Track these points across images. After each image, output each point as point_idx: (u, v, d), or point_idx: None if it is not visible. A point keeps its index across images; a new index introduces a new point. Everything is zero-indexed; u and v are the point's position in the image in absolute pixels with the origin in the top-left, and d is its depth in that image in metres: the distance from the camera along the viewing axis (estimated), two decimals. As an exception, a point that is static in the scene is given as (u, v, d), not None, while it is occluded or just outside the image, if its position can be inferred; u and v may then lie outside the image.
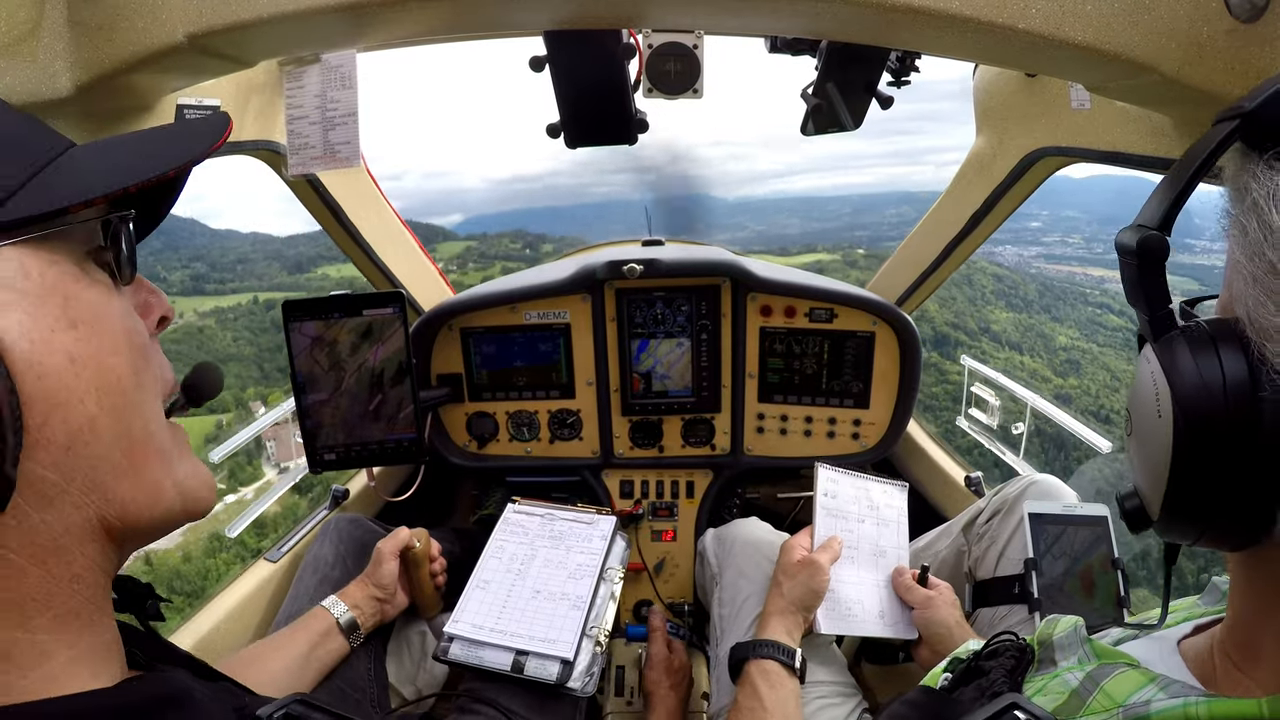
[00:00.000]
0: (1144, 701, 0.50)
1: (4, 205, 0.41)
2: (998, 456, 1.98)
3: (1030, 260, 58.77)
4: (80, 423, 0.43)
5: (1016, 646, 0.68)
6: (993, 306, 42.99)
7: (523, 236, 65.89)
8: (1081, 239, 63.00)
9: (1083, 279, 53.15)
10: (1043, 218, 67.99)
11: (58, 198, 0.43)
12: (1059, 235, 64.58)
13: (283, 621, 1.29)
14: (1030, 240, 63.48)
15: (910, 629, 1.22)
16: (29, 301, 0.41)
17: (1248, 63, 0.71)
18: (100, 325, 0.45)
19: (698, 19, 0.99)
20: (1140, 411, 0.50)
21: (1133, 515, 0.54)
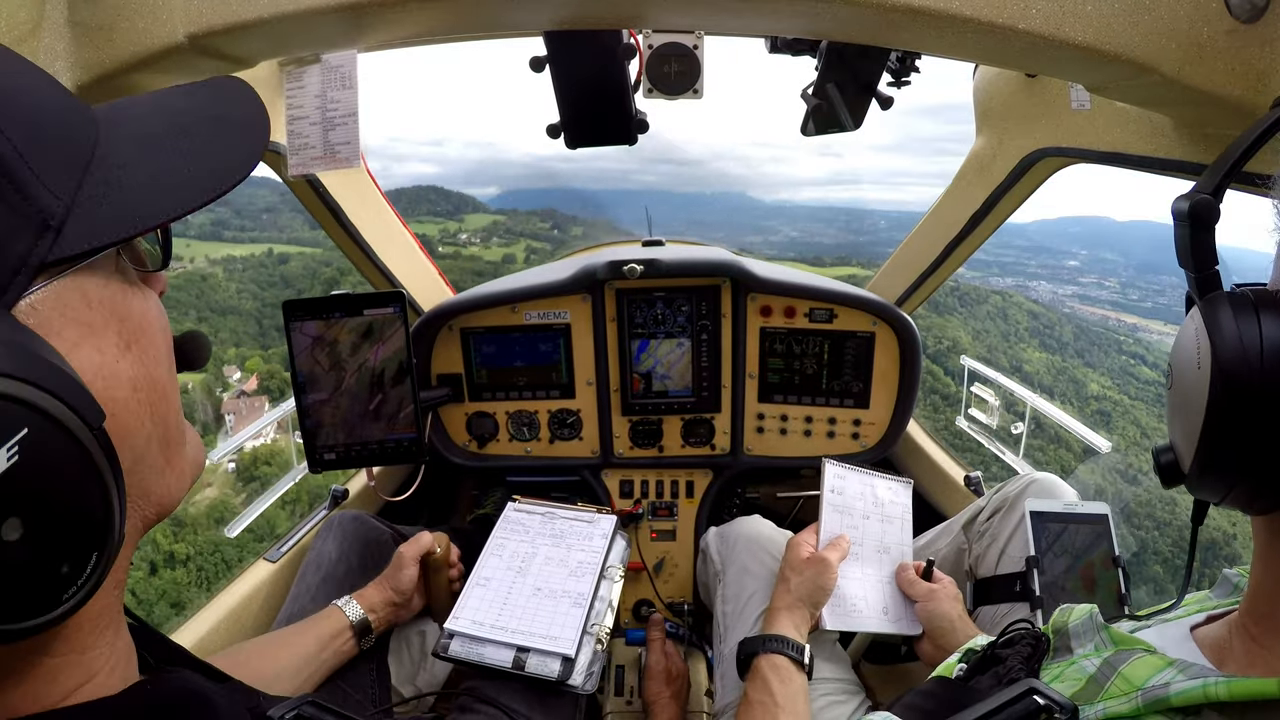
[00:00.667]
0: (1164, 684, 0.51)
1: (63, 233, 0.38)
2: (999, 456, 1.99)
3: (1065, 299, 58.44)
4: (140, 443, 0.43)
5: (1032, 635, 0.68)
6: (1026, 345, 42.41)
7: (553, 216, 65.86)
8: (1118, 283, 62.73)
9: (1116, 324, 52.73)
10: (1081, 256, 67.75)
11: (123, 223, 0.40)
12: (1095, 276, 64.53)
13: (284, 620, 1.29)
14: (1067, 279, 63.25)
15: (914, 625, 1.22)
16: (95, 334, 0.41)
17: (1248, 63, 0.71)
18: (148, 337, 0.45)
19: (698, 19, 1.00)
20: (1181, 365, 0.52)
21: (1166, 470, 0.55)
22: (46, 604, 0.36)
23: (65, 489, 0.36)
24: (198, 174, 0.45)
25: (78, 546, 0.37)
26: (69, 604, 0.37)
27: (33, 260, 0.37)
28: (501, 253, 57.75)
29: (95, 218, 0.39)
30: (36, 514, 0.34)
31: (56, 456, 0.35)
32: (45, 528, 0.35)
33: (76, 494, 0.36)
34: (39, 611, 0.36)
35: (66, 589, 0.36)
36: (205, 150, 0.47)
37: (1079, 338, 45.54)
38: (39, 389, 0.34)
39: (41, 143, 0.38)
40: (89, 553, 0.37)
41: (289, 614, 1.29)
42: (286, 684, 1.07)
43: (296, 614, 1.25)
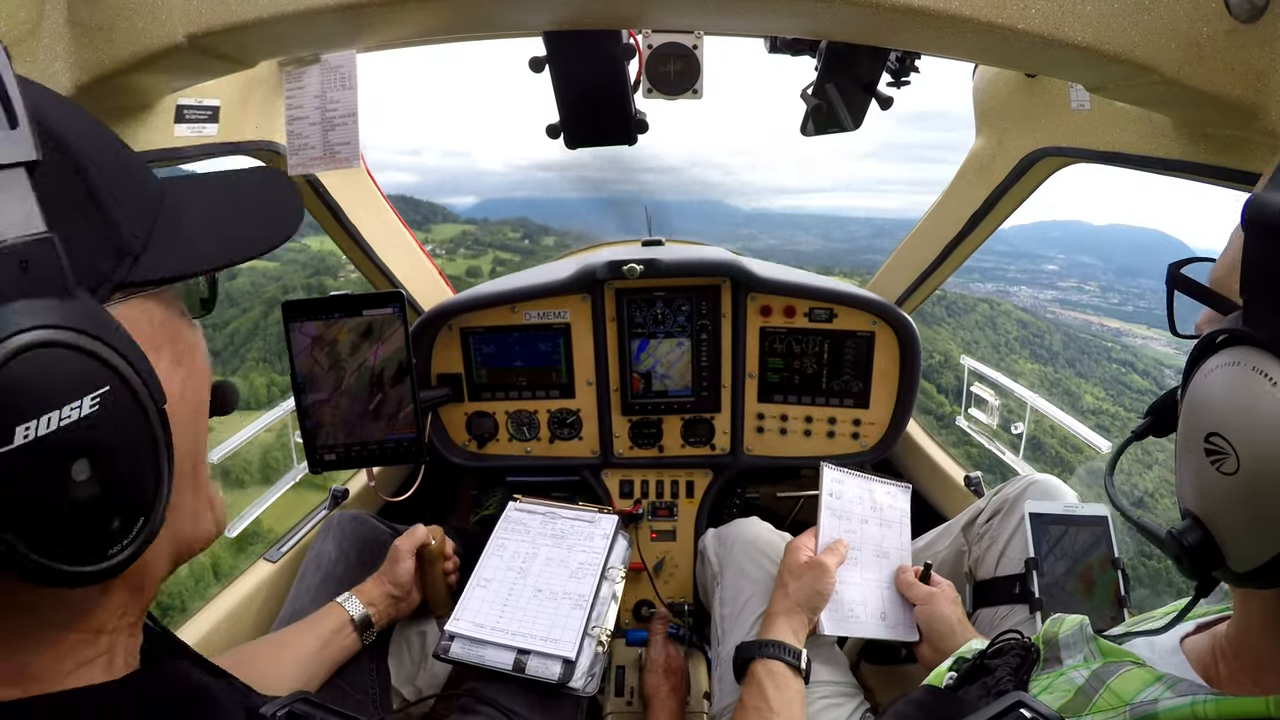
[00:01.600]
0: (1151, 700, 0.50)
1: (140, 261, 0.46)
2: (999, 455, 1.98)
3: (1046, 304, 58.19)
4: (180, 456, 0.48)
5: (1022, 645, 0.68)
6: (1017, 355, 41.46)
7: (524, 226, 64.48)
8: (1098, 287, 62.26)
9: (1099, 329, 52.08)
10: (1059, 260, 67.57)
11: (190, 261, 0.50)
12: (1075, 281, 64.25)
13: (285, 619, 1.29)
14: (1046, 283, 63.04)
15: (912, 631, 1.22)
16: (154, 350, 0.46)
17: (1248, 63, 0.71)
18: (196, 361, 0.52)
19: (697, 19, 1.00)
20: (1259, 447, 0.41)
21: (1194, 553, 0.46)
22: (96, 554, 0.41)
23: (129, 448, 0.42)
24: (247, 235, 0.55)
25: (130, 505, 0.42)
26: (114, 560, 0.41)
27: (115, 277, 0.45)
28: (466, 265, 56.15)
29: (164, 255, 0.48)
30: (104, 461, 0.40)
31: (128, 417, 0.41)
32: (108, 477, 0.40)
33: (137, 455, 0.42)
34: (90, 560, 0.40)
35: (114, 544, 0.41)
36: (253, 218, 0.57)
37: (1068, 346, 45.03)
38: (125, 359, 0.41)
39: (126, 190, 0.47)
40: (137, 515, 0.42)
41: (289, 614, 1.29)
42: (290, 683, 1.07)
43: (296, 614, 1.25)
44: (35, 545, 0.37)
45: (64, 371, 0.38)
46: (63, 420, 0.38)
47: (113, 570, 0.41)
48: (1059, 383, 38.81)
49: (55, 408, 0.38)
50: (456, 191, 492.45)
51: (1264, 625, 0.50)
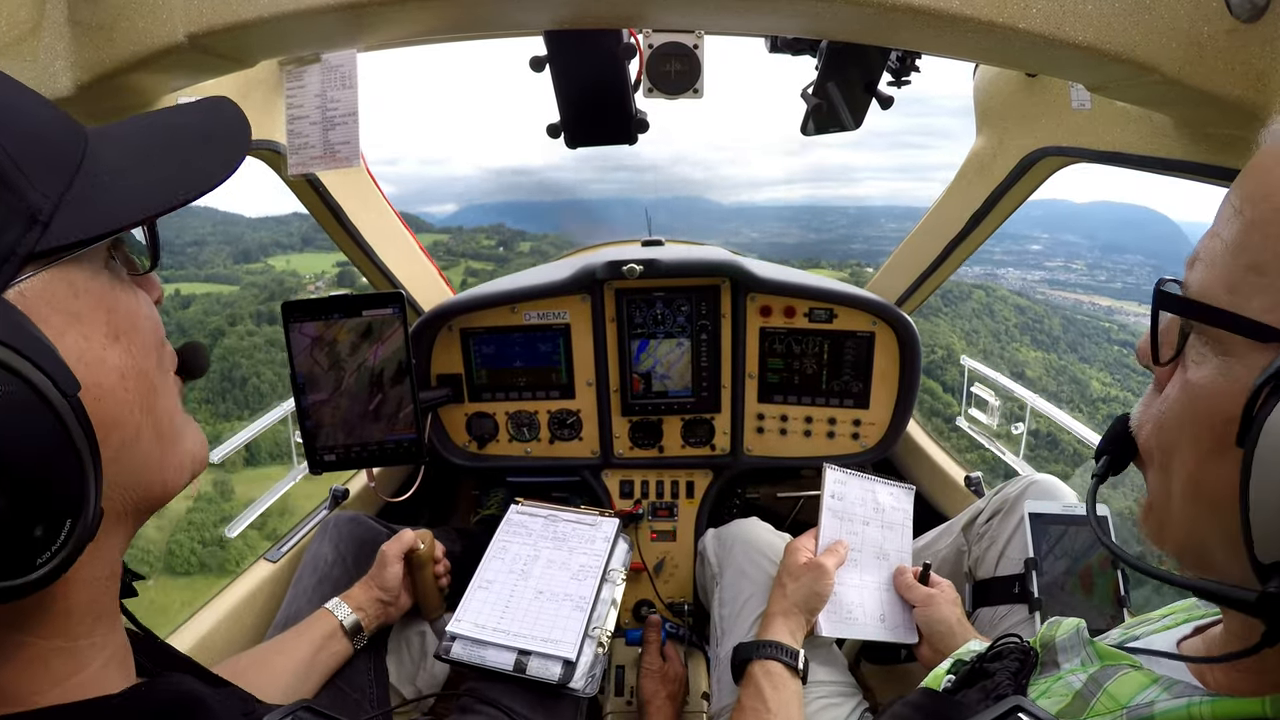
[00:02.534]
0: (1148, 703, 0.50)
1: (50, 227, 0.41)
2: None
3: (1035, 285, 57.74)
4: (129, 432, 0.45)
5: (1021, 649, 0.68)
6: (1018, 344, 40.20)
7: (500, 233, 63.23)
8: (1085, 265, 61.51)
9: (1091, 308, 51.19)
10: (1043, 240, 67.21)
11: (108, 217, 0.44)
12: (1062, 260, 63.72)
13: (283, 621, 1.29)
14: (1033, 263, 62.58)
15: (911, 633, 1.22)
16: (81, 323, 0.43)
17: (1248, 63, 0.71)
18: (137, 331, 0.47)
19: (698, 19, 0.99)
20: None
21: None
22: (22, 566, 0.37)
23: (37, 450, 0.37)
24: (179, 178, 0.48)
25: (51, 510, 0.38)
26: (43, 569, 0.38)
27: (20, 250, 0.40)
28: (434, 276, 56.29)
29: (81, 215, 0.42)
30: (8, 472, 0.36)
31: (29, 417, 0.37)
32: (15, 488, 0.36)
33: (49, 457, 0.38)
34: (15, 573, 0.37)
35: (41, 553, 0.38)
36: (188, 158, 0.51)
37: (1068, 329, 44.00)
38: (15, 352, 0.36)
39: (31, 148, 0.42)
40: (62, 519, 0.39)
41: (286, 616, 1.29)
42: (285, 690, 1.07)
43: (293, 616, 1.25)
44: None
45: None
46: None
47: (47, 578, 0.38)
48: (1064, 370, 37.86)
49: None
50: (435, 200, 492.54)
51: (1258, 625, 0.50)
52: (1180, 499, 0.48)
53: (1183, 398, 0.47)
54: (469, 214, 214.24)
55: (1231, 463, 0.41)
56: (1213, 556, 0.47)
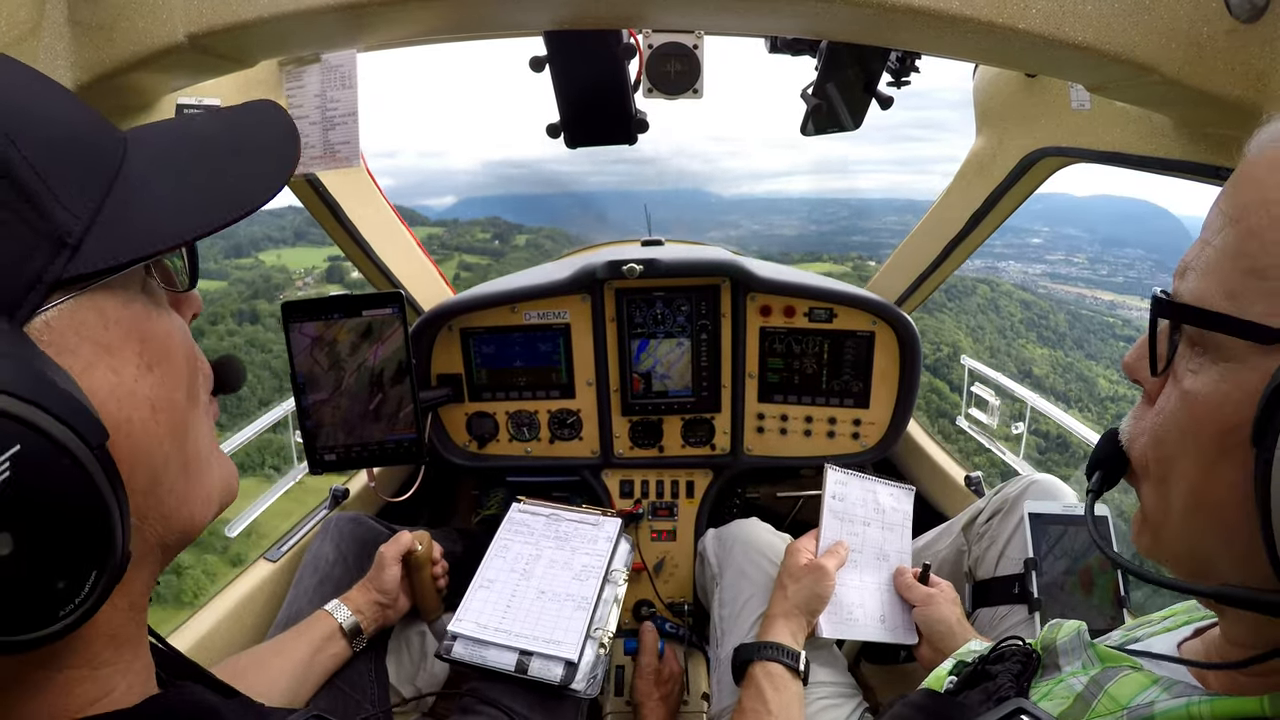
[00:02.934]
0: (1148, 703, 0.51)
1: (80, 250, 0.38)
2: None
3: (1036, 279, 57.08)
4: (159, 465, 0.43)
5: (1023, 651, 0.68)
6: (1024, 340, 39.15)
7: (496, 226, 61.25)
8: (1086, 259, 60.54)
9: (1094, 302, 50.48)
10: (1044, 234, 66.68)
11: (145, 239, 0.40)
12: (1063, 254, 62.99)
13: (283, 621, 1.29)
14: (1034, 257, 61.89)
15: (911, 634, 1.22)
16: (112, 355, 0.40)
17: (1248, 63, 0.71)
18: (171, 360, 0.45)
19: (698, 19, 1.00)
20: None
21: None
22: (43, 619, 0.36)
23: (59, 507, 0.35)
24: (222, 194, 0.45)
25: (74, 564, 0.36)
26: (67, 620, 0.37)
27: (47, 277, 0.37)
28: (425, 272, 55.51)
29: (115, 236, 0.39)
30: (29, 530, 0.34)
31: (51, 474, 0.35)
32: (38, 544, 0.35)
33: (72, 513, 0.36)
34: (35, 626, 0.36)
35: (64, 605, 0.36)
36: (231, 171, 0.47)
37: (1073, 325, 43.06)
38: (36, 406, 0.34)
39: (61, 162, 0.38)
40: (87, 571, 0.37)
41: (286, 617, 1.29)
42: (284, 691, 1.07)
43: (294, 616, 1.25)
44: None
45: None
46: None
47: (68, 630, 0.37)
48: (1071, 367, 36.96)
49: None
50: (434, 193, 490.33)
51: (1262, 621, 0.50)
52: (1181, 510, 0.48)
53: (1181, 408, 0.47)
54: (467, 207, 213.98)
55: (1237, 469, 0.41)
56: (1215, 564, 0.47)
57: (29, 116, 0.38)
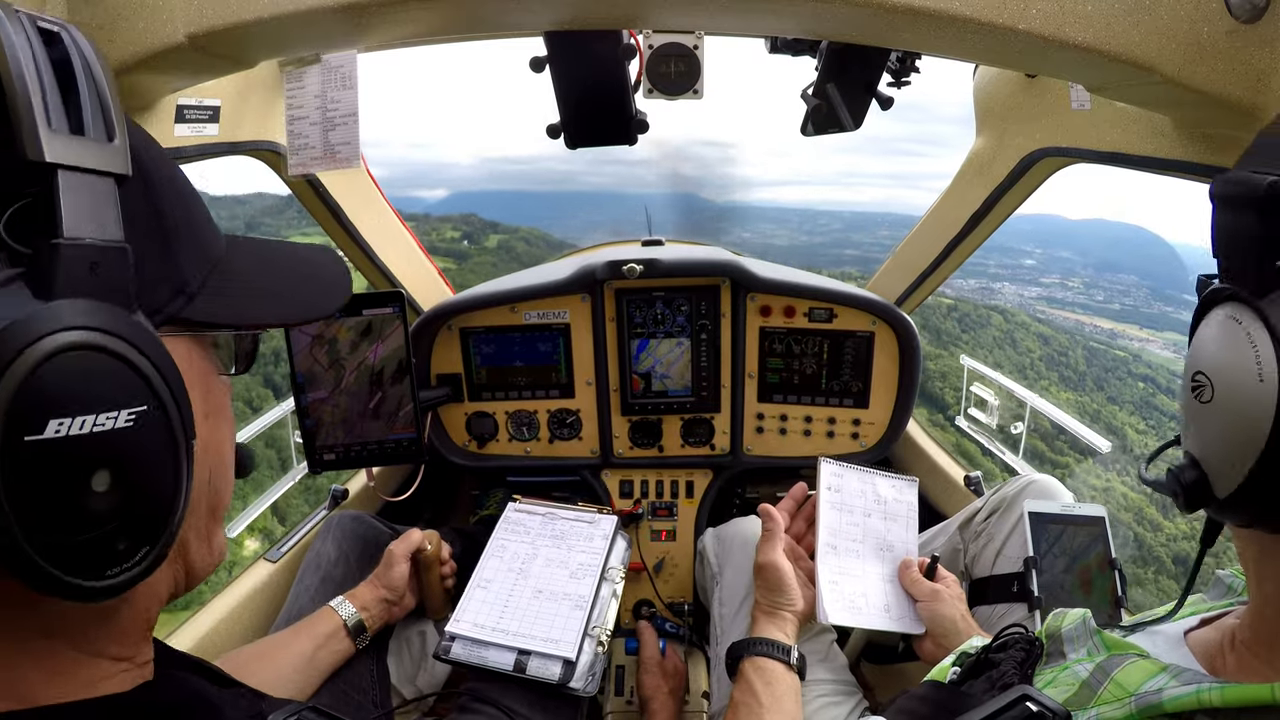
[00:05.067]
0: (1156, 690, 0.51)
1: (193, 301, 0.48)
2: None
3: (1032, 302, 56.02)
4: (196, 497, 0.49)
5: (1026, 639, 0.68)
6: (1046, 380, 36.38)
7: (469, 223, 59.66)
8: (1081, 283, 59.65)
9: (1092, 330, 48.95)
10: (1037, 255, 65.94)
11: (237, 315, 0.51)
12: (1058, 276, 62.31)
13: (284, 621, 1.29)
14: (1028, 279, 61.26)
15: (917, 624, 1.20)
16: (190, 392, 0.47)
17: (1248, 63, 0.72)
18: (223, 416, 0.54)
19: (698, 19, 1.00)
20: (1227, 376, 0.46)
21: (1191, 490, 0.50)
22: (94, 571, 0.40)
23: (152, 472, 0.42)
24: (296, 300, 0.58)
25: (139, 528, 0.41)
26: (110, 582, 0.40)
27: (167, 310, 0.47)
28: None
29: (217, 304, 0.50)
30: (125, 478, 0.40)
31: (158, 442, 0.42)
32: (125, 494, 0.40)
33: (158, 482, 0.42)
34: (86, 575, 0.39)
35: (114, 565, 0.40)
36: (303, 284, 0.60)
37: (1091, 362, 40.21)
38: (168, 386, 0.42)
39: (191, 233, 0.49)
40: (143, 542, 0.42)
41: (288, 615, 1.29)
42: (287, 686, 1.07)
43: (296, 615, 1.25)
44: (35, 543, 0.37)
45: (109, 379, 0.39)
46: (96, 426, 0.38)
47: (109, 591, 0.40)
48: (1099, 415, 34.13)
49: (92, 411, 0.38)
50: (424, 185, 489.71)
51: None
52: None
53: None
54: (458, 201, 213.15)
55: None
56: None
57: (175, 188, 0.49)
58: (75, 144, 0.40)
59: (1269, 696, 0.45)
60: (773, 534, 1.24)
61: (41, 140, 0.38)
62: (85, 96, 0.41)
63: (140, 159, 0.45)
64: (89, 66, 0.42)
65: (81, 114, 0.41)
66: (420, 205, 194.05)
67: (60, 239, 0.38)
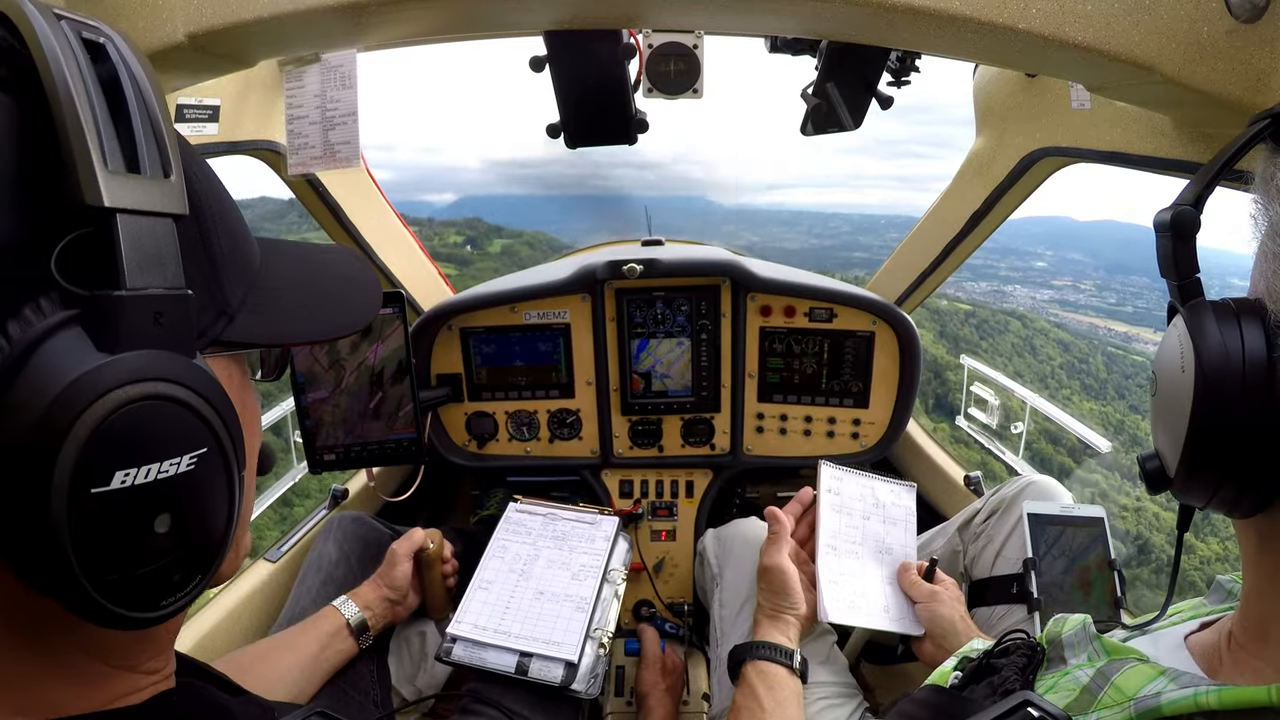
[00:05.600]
0: (1155, 694, 0.51)
1: (234, 322, 0.48)
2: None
3: (1044, 305, 55.55)
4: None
5: (1028, 644, 0.68)
6: (1068, 389, 35.88)
7: (474, 227, 59.59)
8: (1093, 285, 59.19)
9: (1107, 333, 48.36)
10: (1048, 257, 65.28)
11: (275, 331, 0.52)
12: (1069, 279, 61.97)
13: (285, 621, 1.29)
14: (1039, 281, 60.58)
15: (916, 625, 1.21)
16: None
17: (1248, 63, 0.71)
18: (256, 425, 0.55)
19: (698, 19, 1.00)
20: (1165, 371, 0.53)
21: (1152, 476, 0.56)
22: (152, 603, 0.41)
23: (210, 508, 0.42)
24: (329, 318, 0.58)
25: (194, 562, 0.42)
26: (164, 611, 0.41)
27: (210, 333, 0.47)
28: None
29: (252, 322, 0.50)
30: (185, 518, 0.40)
31: (216, 480, 0.42)
32: (184, 533, 0.40)
33: (214, 516, 0.43)
34: (146, 607, 0.40)
35: (168, 596, 0.41)
36: (336, 299, 0.59)
37: (1110, 369, 39.62)
38: (225, 425, 0.42)
39: (235, 254, 0.49)
40: (197, 572, 0.43)
41: (290, 615, 1.29)
42: (289, 686, 1.07)
43: (297, 615, 1.25)
44: (98, 585, 0.37)
45: (174, 427, 0.39)
46: (161, 473, 0.38)
47: (161, 619, 0.41)
48: (1123, 426, 33.47)
49: (158, 460, 0.38)
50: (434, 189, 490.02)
51: (1269, 585, 0.51)
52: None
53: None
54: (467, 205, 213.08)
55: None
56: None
57: (220, 205, 0.48)
58: (133, 185, 0.38)
59: (1266, 699, 0.45)
60: (779, 537, 1.24)
61: (100, 183, 0.36)
62: (139, 125, 0.39)
63: (193, 189, 0.44)
64: (139, 86, 0.39)
65: (136, 147, 0.38)
66: (428, 209, 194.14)
67: (124, 290, 0.37)
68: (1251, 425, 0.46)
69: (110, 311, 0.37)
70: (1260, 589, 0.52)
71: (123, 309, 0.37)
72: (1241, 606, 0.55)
